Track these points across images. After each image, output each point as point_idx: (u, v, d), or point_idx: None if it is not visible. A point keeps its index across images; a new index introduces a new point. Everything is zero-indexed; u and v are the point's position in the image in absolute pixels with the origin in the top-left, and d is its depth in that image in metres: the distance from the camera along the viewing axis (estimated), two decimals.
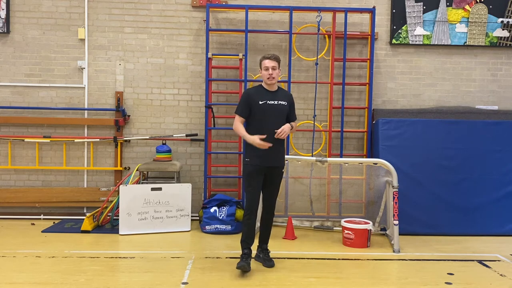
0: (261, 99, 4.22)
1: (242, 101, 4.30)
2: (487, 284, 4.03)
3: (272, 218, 4.49)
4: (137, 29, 6.36)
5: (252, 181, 4.23)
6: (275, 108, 4.23)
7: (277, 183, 4.39)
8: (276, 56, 4.28)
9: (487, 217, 5.73)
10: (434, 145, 5.83)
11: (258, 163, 4.20)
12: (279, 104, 4.26)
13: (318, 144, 6.41)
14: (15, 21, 6.29)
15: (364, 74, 6.49)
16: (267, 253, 4.45)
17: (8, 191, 6.28)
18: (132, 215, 5.50)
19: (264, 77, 4.26)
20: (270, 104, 4.22)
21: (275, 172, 4.32)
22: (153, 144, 6.35)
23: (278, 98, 4.28)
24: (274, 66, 4.21)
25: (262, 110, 4.19)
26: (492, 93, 6.60)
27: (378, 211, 5.66)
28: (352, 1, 6.45)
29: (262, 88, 4.34)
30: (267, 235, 4.50)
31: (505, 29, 6.50)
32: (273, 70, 4.22)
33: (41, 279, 3.93)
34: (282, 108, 4.29)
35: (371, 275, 4.22)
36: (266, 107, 4.20)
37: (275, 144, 4.17)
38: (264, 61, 4.26)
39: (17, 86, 6.33)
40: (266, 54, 4.30)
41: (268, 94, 4.27)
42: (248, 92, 4.35)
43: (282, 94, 4.37)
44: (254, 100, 4.23)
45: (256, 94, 4.26)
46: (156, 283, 3.88)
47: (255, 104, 4.21)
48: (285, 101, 4.31)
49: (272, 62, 4.22)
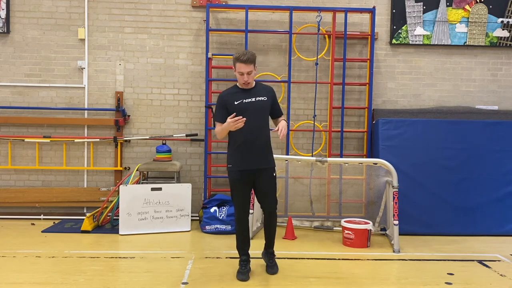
0: (236, 99, 3.91)
1: (218, 106, 3.99)
2: (487, 284, 4.03)
3: (274, 221, 4.14)
4: (137, 29, 6.36)
5: (238, 189, 3.97)
6: (253, 105, 3.91)
7: (270, 186, 4.02)
8: (251, 57, 3.83)
9: (487, 217, 5.72)
10: (434, 145, 5.83)
11: (243, 167, 3.91)
12: (257, 101, 3.93)
13: (318, 144, 6.41)
14: (15, 21, 6.29)
15: (364, 74, 6.49)
16: (271, 258, 4.21)
17: (8, 191, 6.28)
18: (132, 215, 5.50)
19: (239, 81, 3.93)
20: (247, 102, 3.90)
21: (264, 174, 3.98)
22: (153, 144, 6.35)
23: (256, 94, 3.95)
24: (249, 72, 3.85)
25: (238, 111, 3.81)
26: (492, 93, 6.60)
27: (378, 211, 5.66)
28: (352, 1, 6.45)
29: (237, 88, 4.02)
30: (271, 239, 4.19)
31: (505, 29, 6.50)
32: (248, 76, 3.86)
33: (41, 279, 3.93)
34: (262, 104, 3.95)
35: (371, 275, 4.22)
36: (243, 106, 3.87)
37: (258, 144, 3.92)
38: (237, 64, 3.84)
39: (17, 86, 6.33)
40: (240, 56, 3.82)
41: (244, 93, 3.95)
42: (222, 95, 4.02)
43: (260, 90, 4.02)
44: (229, 102, 3.92)
45: (231, 95, 3.96)
46: (156, 283, 3.88)
47: (231, 106, 3.89)
48: (264, 97, 3.97)
49: (248, 67, 3.83)
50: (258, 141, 3.93)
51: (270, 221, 4.12)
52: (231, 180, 4.00)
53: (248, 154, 3.90)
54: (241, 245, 4.12)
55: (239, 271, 4.06)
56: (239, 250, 4.15)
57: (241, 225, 4.06)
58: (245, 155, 3.91)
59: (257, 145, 3.93)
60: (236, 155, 3.94)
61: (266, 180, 4.00)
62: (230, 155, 4.00)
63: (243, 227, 4.07)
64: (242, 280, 3.97)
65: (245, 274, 4.02)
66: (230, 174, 4.00)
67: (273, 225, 4.16)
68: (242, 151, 3.90)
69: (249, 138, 3.88)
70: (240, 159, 3.93)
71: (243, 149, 3.91)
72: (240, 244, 4.12)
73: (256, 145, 3.92)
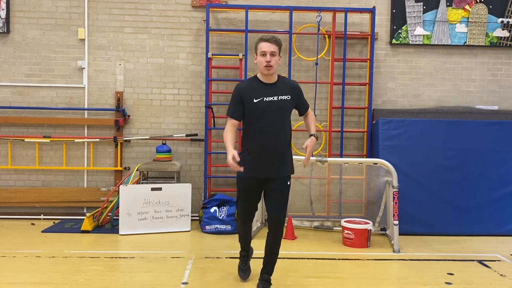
0: (256, 95, 3.41)
1: (234, 99, 3.48)
2: (487, 284, 4.03)
3: (279, 241, 3.60)
4: (137, 29, 6.36)
5: (246, 195, 3.59)
6: (274, 105, 3.42)
7: (282, 198, 3.53)
8: (277, 38, 3.42)
9: (487, 217, 5.72)
10: (434, 145, 5.83)
11: (255, 174, 3.46)
12: (280, 100, 3.44)
13: (318, 144, 6.41)
14: (15, 21, 6.29)
15: (364, 74, 6.49)
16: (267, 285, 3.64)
17: (8, 191, 6.28)
18: (132, 215, 5.50)
19: (261, 65, 3.40)
20: (268, 101, 3.41)
21: (275, 185, 3.49)
22: (153, 144, 6.35)
23: (279, 92, 3.46)
24: (273, 52, 3.37)
25: (257, 110, 3.40)
26: (492, 93, 6.60)
27: (378, 211, 5.66)
28: (352, 1, 6.45)
29: (257, 80, 3.50)
30: (270, 262, 3.65)
31: (505, 29, 6.50)
32: (272, 57, 3.37)
33: (41, 279, 3.93)
34: (284, 104, 3.46)
35: (371, 275, 4.22)
36: (263, 106, 3.40)
37: (276, 150, 3.47)
38: (260, 44, 3.41)
39: (17, 86, 6.33)
40: (264, 36, 3.44)
41: (265, 88, 3.45)
42: (240, 87, 3.50)
43: (285, 86, 3.51)
44: (247, 97, 3.42)
45: (250, 90, 3.45)
46: (156, 283, 3.88)
47: (249, 103, 3.41)
48: (288, 95, 3.47)
49: (272, 46, 3.37)
50: (275, 147, 3.46)
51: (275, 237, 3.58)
52: (239, 186, 3.59)
53: (262, 161, 3.44)
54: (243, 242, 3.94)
55: (239, 267, 3.98)
56: (240, 243, 3.95)
57: (244, 230, 3.84)
58: (258, 162, 3.44)
59: (274, 151, 3.46)
60: (248, 161, 3.42)
61: (279, 189, 3.52)
62: (244, 158, 3.41)
63: (246, 232, 3.84)
64: (243, 278, 3.93)
65: (245, 271, 3.95)
66: (239, 180, 3.58)
67: (277, 244, 3.61)
68: (256, 157, 3.44)
69: (265, 144, 3.42)
70: (252, 166, 3.43)
71: (256, 155, 3.45)
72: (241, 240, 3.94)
73: (272, 151, 3.45)
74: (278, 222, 3.55)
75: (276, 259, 3.71)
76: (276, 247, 3.63)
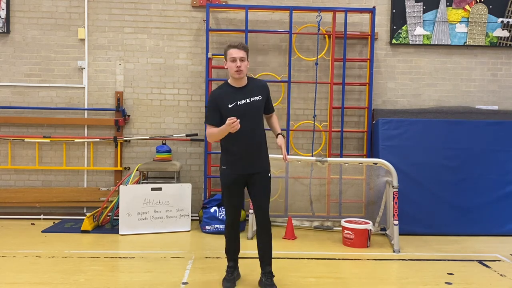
0: (230, 101, 3.63)
1: (209, 108, 3.72)
2: (487, 284, 4.03)
3: (269, 236, 3.80)
4: (137, 29, 6.36)
5: (230, 191, 3.76)
6: (248, 107, 3.65)
7: (264, 190, 3.78)
8: (245, 45, 3.68)
9: (487, 217, 5.72)
10: (434, 145, 5.83)
11: (237, 171, 3.70)
12: (253, 102, 3.68)
13: (318, 144, 6.41)
14: (15, 21, 6.29)
15: (364, 74, 6.49)
16: (269, 277, 3.79)
17: (8, 191, 6.28)
18: (132, 215, 5.50)
19: (231, 70, 3.62)
20: (242, 104, 3.63)
21: (259, 178, 3.75)
22: (153, 144, 6.35)
23: (250, 94, 3.68)
24: (242, 57, 3.60)
25: (233, 114, 3.54)
26: (492, 93, 6.60)
27: (378, 211, 5.66)
28: (352, 1, 6.45)
29: (229, 86, 3.72)
30: (266, 256, 3.82)
31: (505, 29, 6.50)
32: (241, 62, 3.59)
33: (41, 279, 3.93)
34: (257, 104, 3.71)
35: (371, 275, 4.22)
36: (237, 109, 3.61)
37: (254, 147, 3.71)
38: (230, 50, 3.63)
39: (17, 86, 6.33)
40: (232, 43, 3.68)
41: (238, 92, 3.67)
42: (213, 95, 3.73)
43: (255, 87, 3.74)
44: (222, 104, 3.64)
45: (224, 96, 3.66)
46: (156, 283, 3.88)
47: (224, 109, 3.62)
48: (259, 96, 3.71)
49: (240, 52, 3.60)
50: (253, 144, 3.72)
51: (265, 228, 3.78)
52: (224, 182, 3.78)
53: (242, 158, 3.69)
54: (230, 250, 3.91)
55: (225, 278, 3.88)
56: (227, 255, 3.94)
57: (233, 231, 3.84)
58: (239, 159, 3.70)
59: (253, 148, 3.71)
60: (229, 158, 3.73)
61: (261, 183, 3.77)
62: (224, 157, 3.77)
63: (235, 233, 3.85)
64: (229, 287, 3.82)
65: (230, 282, 3.84)
66: (223, 177, 3.78)
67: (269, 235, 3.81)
68: (236, 154, 3.69)
69: (244, 142, 3.65)
70: (234, 163, 3.71)
71: (237, 153, 3.69)
72: (229, 249, 3.91)
73: (251, 148, 3.70)
74: (265, 211, 3.78)
75: (272, 250, 3.83)
76: (269, 238, 3.81)
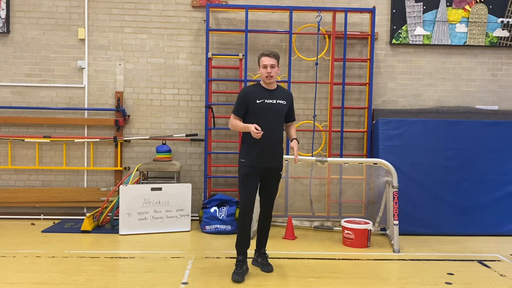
0: (259, 97, 4.06)
1: (239, 100, 4.12)
2: (487, 284, 4.03)
3: (270, 222, 4.34)
4: (137, 29, 6.36)
5: (247, 182, 4.07)
6: (273, 107, 4.08)
7: (274, 186, 4.24)
8: (276, 53, 4.10)
9: (487, 217, 5.73)
10: (434, 145, 5.83)
11: (255, 164, 4.05)
12: (278, 104, 4.11)
13: (318, 144, 6.42)
14: (15, 21, 6.29)
15: (364, 74, 6.49)
16: (265, 257, 4.31)
17: (8, 191, 6.28)
18: (132, 215, 5.50)
19: (263, 76, 4.09)
20: (268, 103, 4.07)
21: (273, 173, 4.16)
22: (153, 144, 6.35)
23: (277, 97, 4.12)
24: (273, 64, 4.04)
25: (259, 109, 4.04)
26: (492, 93, 6.60)
27: (378, 211, 5.66)
28: (352, 1, 6.45)
29: (260, 86, 4.16)
30: (264, 239, 4.36)
31: (505, 29, 6.50)
32: (272, 69, 4.05)
33: (41, 279, 3.93)
34: (281, 107, 4.14)
35: (371, 275, 4.22)
36: (264, 106, 4.05)
37: (272, 144, 4.08)
38: (262, 58, 4.09)
39: (17, 86, 6.33)
40: (265, 51, 4.13)
41: (266, 92, 4.11)
42: (245, 91, 4.17)
43: (282, 93, 4.20)
44: (251, 98, 4.06)
45: (254, 93, 4.09)
46: (156, 283, 3.88)
47: (252, 103, 4.05)
48: (284, 100, 4.16)
49: (271, 60, 4.05)
50: (274, 141, 4.09)
51: (268, 218, 4.31)
52: (242, 173, 4.10)
53: (263, 152, 4.04)
54: (242, 241, 4.08)
55: (235, 271, 4.02)
56: (237, 248, 4.10)
57: (246, 219, 4.07)
58: (260, 153, 4.03)
59: (273, 144, 4.08)
60: (251, 151, 4.05)
61: (274, 179, 4.20)
62: (245, 151, 4.11)
63: (247, 221, 4.08)
64: (236, 281, 3.92)
65: (240, 275, 3.97)
66: (242, 168, 4.10)
67: (269, 224, 4.37)
68: (257, 148, 4.02)
69: (266, 137, 3.98)
70: (254, 156, 4.04)
71: (258, 147, 4.02)
72: (241, 240, 4.08)
73: (271, 144, 4.07)
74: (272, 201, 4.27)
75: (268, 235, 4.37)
76: (268, 226, 4.35)
